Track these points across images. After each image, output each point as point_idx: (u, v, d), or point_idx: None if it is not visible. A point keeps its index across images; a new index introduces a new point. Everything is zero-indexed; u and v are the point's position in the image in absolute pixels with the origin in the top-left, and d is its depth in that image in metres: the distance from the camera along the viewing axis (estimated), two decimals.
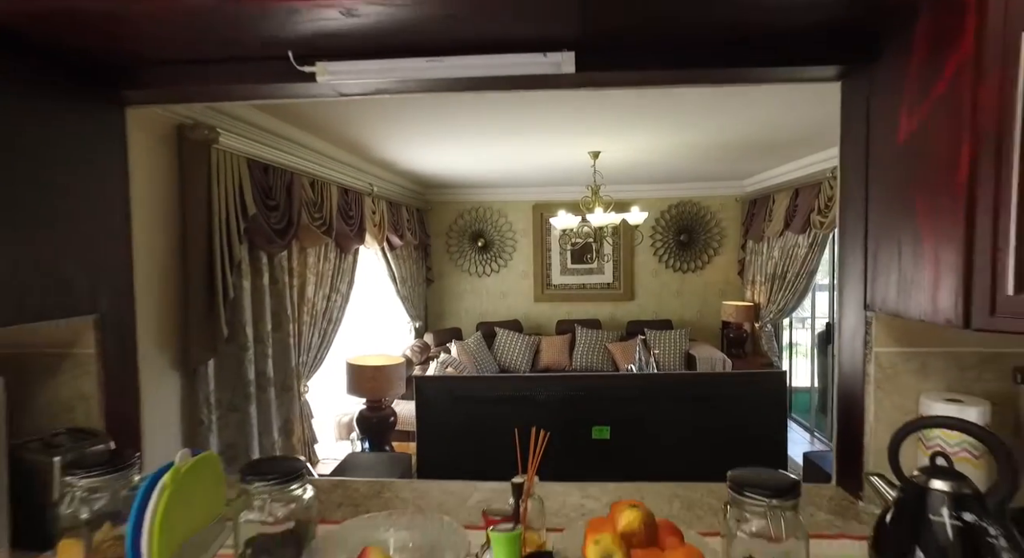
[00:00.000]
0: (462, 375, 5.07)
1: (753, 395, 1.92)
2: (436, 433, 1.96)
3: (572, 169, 5.54)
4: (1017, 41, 0.88)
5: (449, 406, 2.02)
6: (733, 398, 1.91)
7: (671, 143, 4.49)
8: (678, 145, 4.57)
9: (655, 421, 1.84)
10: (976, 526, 0.92)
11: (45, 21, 1.14)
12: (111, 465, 1.13)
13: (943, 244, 1.02)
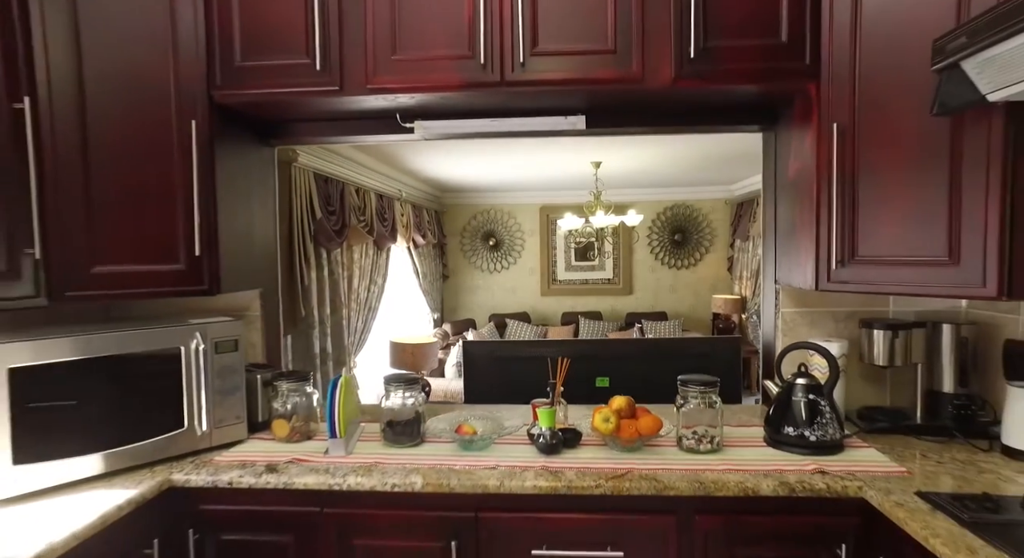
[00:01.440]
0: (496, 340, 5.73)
1: (716, 353, 2.60)
2: (478, 383, 2.65)
3: (576, 176, 6.23)
4: (831, 127, 1.57)
5: (488, 363, 2.71)
6: (701, 355, 2.58)
7: (664, 155, 5.17)
8: (671, 156, 5.25)
9: (642, 373, 2.51)
10: (816, 401, 1.61)
11: (246, 106, 1.82)
12: (300, 378, 1.83)
13: (806, 241, 1.71)
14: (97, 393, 1.54)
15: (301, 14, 1.74)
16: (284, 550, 1.57)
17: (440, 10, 1.71)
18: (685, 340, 3.14)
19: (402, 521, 1.54)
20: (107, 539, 1.35)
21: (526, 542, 1.51)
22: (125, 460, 1.58)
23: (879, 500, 1.36)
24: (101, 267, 1.62)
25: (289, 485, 1.54)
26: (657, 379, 2.40)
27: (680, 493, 1.47)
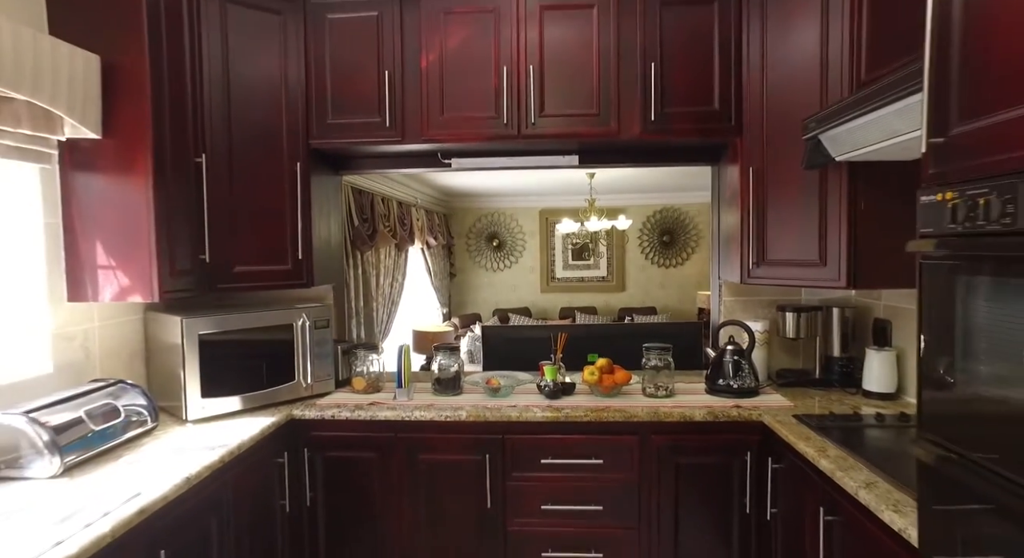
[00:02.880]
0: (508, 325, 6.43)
1: (681, 334, 3.30)
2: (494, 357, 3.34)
3: (572, 182, 6.93)
4: (749, 169, 2.28)
5: (501, 341, 3.41)
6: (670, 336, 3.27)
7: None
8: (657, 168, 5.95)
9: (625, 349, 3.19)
10: (739, 361, 2.32)
11: (331, 149, 2.52)
12: (371, 348, 2.54)
13: (735, 247, 2.42)
14: (244, 353, 2.24)
15: (375, 86, 2.44)
16: (369, 463, 2.27)
17: (475, 84, 2.41)
18: (658, 324, 3.85)
19: (451, 442, 2.24)
20: (260, 447, 2.04)
21: (537, 455, 2.21)
22: (260, 400, 2.27)
23: (769, 420, 2.06)
24: (240, 267, 2.32)
25: (373, 417, 2.24)
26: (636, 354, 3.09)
27: (641, 420, 2.17)
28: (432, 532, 2.26)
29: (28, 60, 1.60)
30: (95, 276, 1.96)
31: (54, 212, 1.92)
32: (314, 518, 2.29)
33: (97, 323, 2.09)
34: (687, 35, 2.35)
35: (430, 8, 2.41)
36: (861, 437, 1.87)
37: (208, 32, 2.20)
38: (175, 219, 2.04)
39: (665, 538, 2.19)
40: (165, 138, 1.99)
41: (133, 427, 1.90)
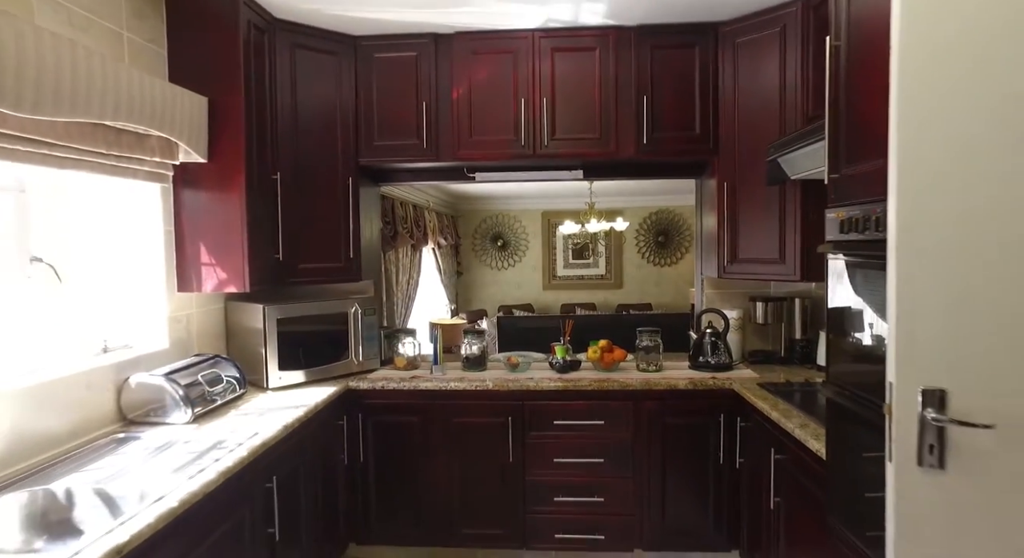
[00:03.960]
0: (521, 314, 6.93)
1: (671, 323, 3.81)
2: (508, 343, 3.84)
3: (573, 187, 7.40)
4: (723, 184, 2.78)
5: (514, 330, 3.91)
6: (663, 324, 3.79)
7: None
8: None
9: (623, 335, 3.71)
10: (716, 342, 2.82)
11: (369, 164, 3.01)
12: (411, 333, 3.03)
13: (714, 247, 2.92)
14: (308, 335, 2.73)
15: (414, 113, 2.92)
16: (412, 426, 2.76)
17: (498, 112, 2.89)
18: (651, 314, 4.35)
19: (479, 408, 2.73)
20: (326, 410, 2.53)
21: (551, 417, 2.71)
22: (320, 374, 2.77)
23: (738, 388, 2.56)
24: (304, 264, 2.81)
25: (415, 387, 2.74)
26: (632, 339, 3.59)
27: (635, 389, 2.67)
28: (464, 482, 2.76)
29: (160, 104, 2.09)
30: (199, 271, 2.46)
31: (169, 221, 2.41)
32: (366, 471, 2.79)
33: (195, 310, 2.58)
34: (673, 73, 2.85)
35: (460, 49, 2.90)
36: (805, 397, 2.37)
37: (281, 72, 2.69)
38: (259, 225, 2.54)
39: (654, 484, 2.69)
40: (253, 160, 2.49)
41: (230, 391, 2.39)
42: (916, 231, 1.05)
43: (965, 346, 1.05)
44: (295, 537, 2.21)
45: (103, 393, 2.06)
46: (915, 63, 1.03)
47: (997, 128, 1.02)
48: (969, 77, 1.03)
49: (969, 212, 1.04)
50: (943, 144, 1.04)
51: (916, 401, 1.07)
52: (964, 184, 1.04)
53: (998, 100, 1.02)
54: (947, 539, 1.06)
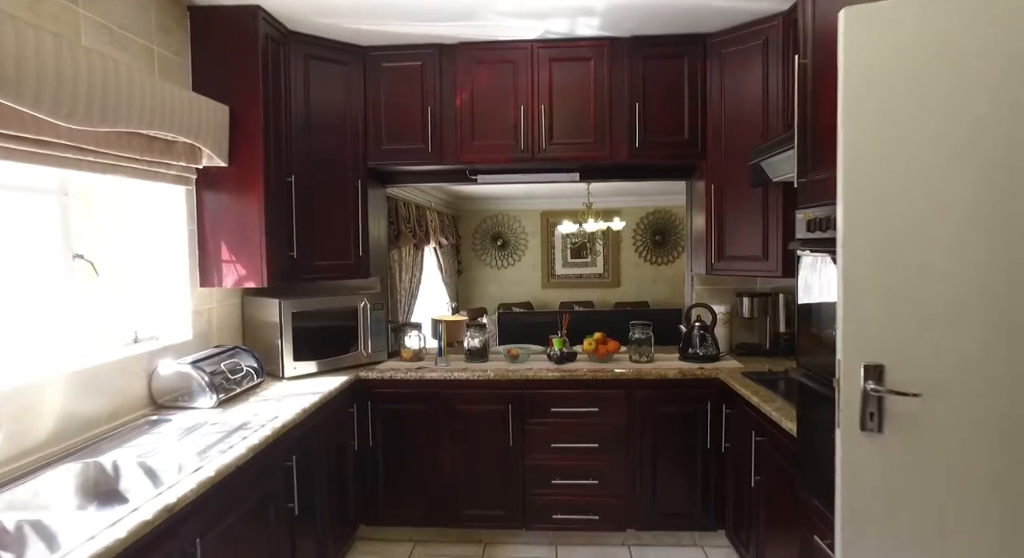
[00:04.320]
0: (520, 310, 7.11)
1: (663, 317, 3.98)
2: (509, 337, 4.02)
3: (571, 187, 7.58)
4: (711, 186, 2.96)
5: (515, 325, 4.09)
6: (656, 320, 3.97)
7: None
8: None
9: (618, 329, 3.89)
10: (704, 334, 3.00)
11: (377, 167, 3.19)
12: (416, 327, 3.21)
13: (702, 245, 3.10)
14: (320, 328, 2.91)
15: (419, 119, 3.10)
16: (418, 413, 2.94)
17: (499, 118, 3.07)
18: (644, 310, 4.53)
19: (482, 396, 2.91)
20: (338, 398, 2.71)
21: (548, 405, 2.89)
22: (331, 364, 2.94)
23: (724, 377, 2.74)
24: (317, 262, 2.98)
25: (422, 377, 2.92)
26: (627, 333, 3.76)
27: (628, 378, 2.85)
28: (467, 466, 2.94)
29: (187, 113, 2.26)
30: (220, 267, 2.63)
31: (192, 221, 2.59)
32: (375, 455, 2.96)
33: (215, 304, 2.76)
34: (664, 81, 3.03)
35: (463, 58, 3.07)
36: (786, 385, 2.55)
37: (295, 81, 2.86)
38: (275, 225, 2.71)
39: (646, 468, 2.87)
40: (271, 164, 2.66)
41: (249, 380, 2.57)
42: (857, 234, 1.23)
43: (898, 329, 1.22)
44: (311, 514, 2.38)
45: (136, 379, 2.24)
46: (855, 90, 1.21)
47: (927, 150, 1.20)
48: (901, 106, 1.21)
49: (901, 219, 1.22)
50: (881, 162, 1.22)
51: (859, 375, 1.25)
52: (898, 197, 1.22)
53: (927, 127, 1.20)
54: (883, 490, 1.24)
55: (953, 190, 1.18)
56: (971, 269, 1.16)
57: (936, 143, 1.18)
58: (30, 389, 1.77)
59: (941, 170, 1.18)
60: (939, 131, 1.18)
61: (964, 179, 1.17)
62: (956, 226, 1.17)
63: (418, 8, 2.63)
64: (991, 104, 1.15)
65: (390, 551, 2.93)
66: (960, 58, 1.16)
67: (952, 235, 1.18)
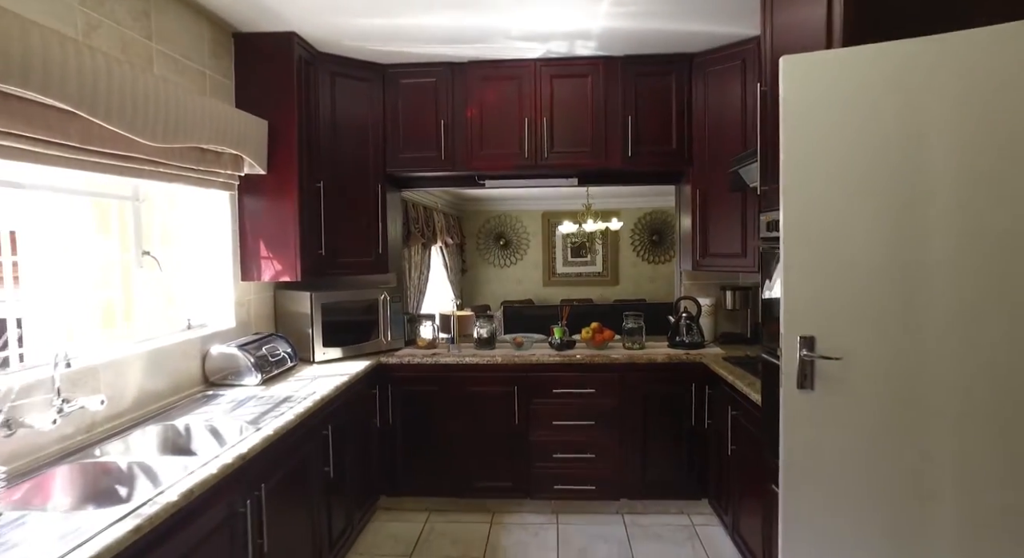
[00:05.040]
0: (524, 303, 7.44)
1: (657, 311, 4.32)
2: (512, 328, 4.35)
3: (571, 190, 7.91)
4: (697, 190, 3.30)
5: (518, 317, 4.42)
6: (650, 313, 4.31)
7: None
8: None
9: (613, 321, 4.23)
10: (690, 324, 3.34)
11: (394, 173, 3.53)
12: (430, 318, 3.55)
13: (689, 244, 3.43)
14: (345, 318, 3.24)
15: (433, 130, 3.43)
16: (433, 394, 3.28)
17: (505, 129, 3.40)
18: (638, 303, 4.85)
19: (490, 379, 3.25)
20: (362, 380, 3.05)
21: (550, 387, 3.22)
22: (354, 351, 3.28)
23: (707, 361, 3.08)
24: (342, 259, 3.32)
25: (436, 362, 3.25)
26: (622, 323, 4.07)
27: (621, 363, 3.18)
28: (477, 441, 3.27)
29: (234, 128, 2.60)
30: (259, 263, 2.97)
31: (235, 222, 2.93)
32: (394, 432, 3.30)
33: (253, 296, 3.10)
34: (654, 95, 3.36)
35: (472, 75, 3.41)
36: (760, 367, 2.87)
37: (322, 96, 3.20)
38: (307, 225, 3.05)
39: (637, 443, 3.21)
40: (304, 171, 3.00)
41: (284, 363, 2.90)
42: (794, 234, 1.56)
43: (825, 308, 1.56)
44: (342, 480, 2.72)
45: (192, 360, 2.58)
46: (790, 121, 1.54)
47: (842, 170, 1.54)
48: (823, 135, 1.54)
49: (825, 224, 1.55)
50: (809, 178, 1.56)
51: (796, 345, 1.58)
52: (823, 206, 1.55)
53: (842, 152, 1.54)
54: (816, 435, 1.57)
55: (863, 202, 1.50)
56: (878, 263, 1.49)
57: (848, 164, 1.51)
58: (118, 363, 2.11)
59: (853, 185, 1.51)
60: (851, 155, 1.52)
61: (870, 193, 1.49)
62: (866, 230, 1.51)
63: (436, 33, 2.97)
64: (889, 138, 1.48)
65: (408, 519, 3.27)
66: (866, 101, 1.49)
67: (863, 236, 1.51)
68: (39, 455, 1.75)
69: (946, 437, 1.49)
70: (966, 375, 1.45)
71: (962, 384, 1.46)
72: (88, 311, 2.30)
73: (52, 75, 1.58)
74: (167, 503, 1.43)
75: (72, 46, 1.66)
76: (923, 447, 1.50)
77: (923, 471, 1.51)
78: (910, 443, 1.51)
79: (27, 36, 1.51)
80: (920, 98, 1.47)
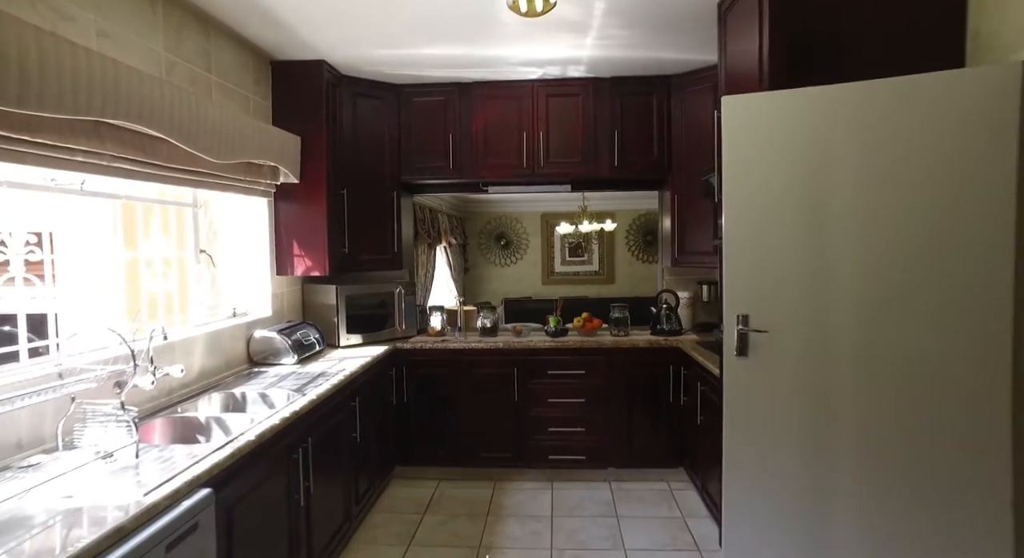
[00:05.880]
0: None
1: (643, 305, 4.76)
2: (513, 318, 4.79)
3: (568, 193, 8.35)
4: (675, 195, 3.74)
5: (518, 309, 4.87)
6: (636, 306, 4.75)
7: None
8: None
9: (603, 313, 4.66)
10: (669, 314, 3.78)
11: (408, 180, 3.97)
12: (441, 309, 3.99)
13: (668, 243, 3.88)
14: (365, 309, 3.69)
15: (443, 142, 3.87)
16: (443, 375, 3.72)
17: (506, 142, 3.85)
18: (624, 298, 5.29)
19: (493, 362, 3.69)
20: (381, 362, 3.49)
21: (545, 368, 3.67)
22: (372, 338, 3.72)
23: (683, 346, 3.52)
24: (363, 256, 3.76)
25: (446, 347, 3.70)
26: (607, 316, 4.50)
27: (609, 347, 3.63)
28: (481, 417, 3.71)
29: (274, 144, 3.04)
30: (292, 260, 3.41)
31: (271, 224, 3.37)
32: (408, 409, 3.74)
33: (286, 289, 3.54)
34: (637, 112, 3.80)
35: (477, 94, 3.85)
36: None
37: (345, 114, 3.64)
38: (333, 227, 3.49)
39: (622, 418, 3.65)
40: (331, 180, 3.44)
41: (314, 347, 3.35)
42: (732, 235, 2.00)
43: (756, 292, 2.00)
44: (366, 446, 3.16)
45: (239, 343, 3.02)
46: (728, 144, 1.98)
47: (768, 186, 1.97)
48: (753, 159, 1.98)
49: (756, 225, 1.99)
50: (744, 191, 2.00)
51: (735, 321, 2.02)
52: (753, 214, 1.99)
53: (764, 173, 1.98)
54: (748, 392, 2.01)
55: (782, 209, 1.94)
56: (794, 255, 1.93)
57: (772, 180, 1.95)
58: (186, 342, 2.56)
59: (776, 196, 1.95)
60: (774, 173, 1.96)
61: (788, 203, 1.93)
62: (785, 230, 1.94)
63: (446, 60, 3.41)
64: (801, 160, 1.91)
65: (420, 485, 3.71)
66: (785, 131, 1.93)
67: (783, 235, 1.95)
68: (140, 409, 2.19)
69: (846, 393, 1.92)
70: (862, 343, 1.89)
71: (859, 350, 1.90)
72: (155, 299, 2.74)
73: (156, 111, 2.02)
74: (247, 441, 1.88)
75: (166, 87, 2.10)
76: (829, 401, 1.94)
77: (829, 421, 1.95)
78: (820, 399, 1.94)
79: (143, 84, 1.95)
80: (824, 130, 1.90)
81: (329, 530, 2.62)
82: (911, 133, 1.81)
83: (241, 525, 1.83)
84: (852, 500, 1.92)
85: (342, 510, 2.80)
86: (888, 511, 1.86)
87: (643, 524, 3.16)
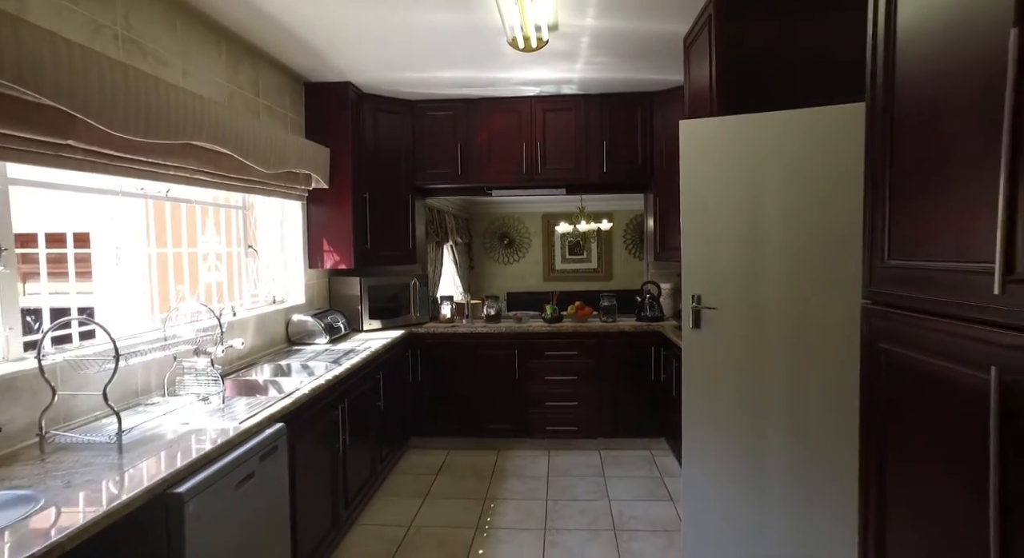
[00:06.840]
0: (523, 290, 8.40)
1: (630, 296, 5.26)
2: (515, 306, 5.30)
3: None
4: (656, 198, 4.24)
5: (519, 301, 5.36)
6: (625, 297, 5.25)
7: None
8: None
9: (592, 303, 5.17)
10: (652, 302, 4.28)
11: (421, 185, 4.48)
12: (450, 299, 4.50)
13: (651, 240, 4.38)
14: (386, 298, 4.20)
15: (453, 151, 4.38)
16: (452, 356, 4.23)
17: (508, 151, 4.35)
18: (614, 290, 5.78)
19: (497, 344, 4.19)
20: (398, 344, 4.00)
21: (543, 350, 4.17)
22: (390, 324, 4.23)
23: (663, 330, 4.02)
24: (382, 252, 4.27)
25: (455, 332, 4.20)
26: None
27: (598, 331, 4.13)
28: (485, 392, 4.22)
29: (307, 154, 3.55)
30: (321, 255, 3.93)
31: (304, 224, 3.88)
32: (421, 386, 4.25)
33: (315, 281, 4.05)
34: (623, 124, 4.30)
35: (483, 109, 4.36)
36: None
37: (366, 127, 4.15)
38: (357, 226, 4.00)
39: (610, 393, 4.15)
40: (355, 185, 3.96)
41: (341, 330, 3.86)
42: (689, 231, 2.50)
43: (708, 277, 2.49)
44: (388, 415, 3.67)
45: (279, 325, 3.54)
46: (686, 159, 2.48)
47: (722, 195, 2.47)
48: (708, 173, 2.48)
49: (707, 221, 2.49)
50: (699, 199, 2.50)
51: (691, 299, 2.52)
52: (706, 216, 2.49)
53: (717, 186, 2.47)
54: (702, 356, 2.51)
55: (728, 210, 2.44)
56: (736, 246, 2.42)
57: (720, 186, 2.45)
58: (242, 322, 3.07)
59: (723, 199, 2.45)
60: (722, 181, 2.45)
61: (733, 205, 2.43)
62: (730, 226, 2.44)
63: (455, 81, 3.92)
64: (743, 172, 2.41)
65: (432, 453, 4.21)
66: (731, 149, 2.42)
67: (728, 229, 2.45)
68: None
69: (773, 353, 2.42)
70: (784, 313, 2.38)
71: (783, 318, 2.39)
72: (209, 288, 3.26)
73: (225, 132, 2.53)
74: (303, 394, 2.39)
75: (230, 112, 2.61)
76: (764, 366, 2.44)
77: (764, 384, 2.44)
78: (756, 365, 2.44)
79: (216, 112, 2.47)
80: (756, 151, 2.40)
81: (360, 480, 3.13)
82: (818, 156, 2.30)
83: (301, 457, 2.35)
84: (780, 439, 2.41)
85: (369, 467, 3.31)
86: (807, 443, 2.36)
87: (626, 482, 3.66)
